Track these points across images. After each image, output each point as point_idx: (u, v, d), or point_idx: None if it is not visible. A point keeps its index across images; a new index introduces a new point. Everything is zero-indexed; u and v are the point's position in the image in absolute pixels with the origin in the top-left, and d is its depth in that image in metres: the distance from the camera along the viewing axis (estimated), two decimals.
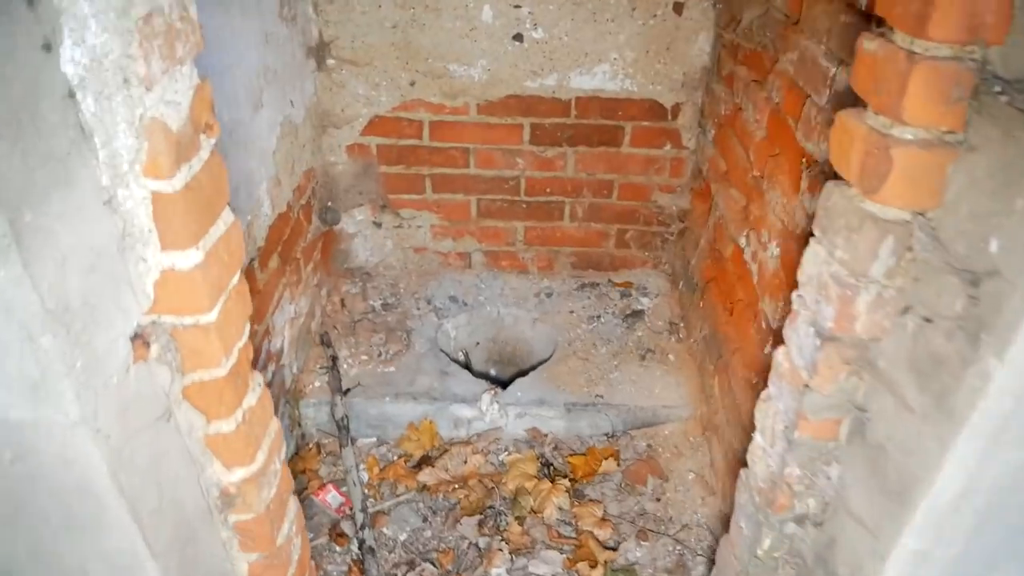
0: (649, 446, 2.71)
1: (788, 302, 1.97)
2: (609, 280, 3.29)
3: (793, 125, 1.94)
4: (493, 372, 3.35)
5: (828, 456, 1.36)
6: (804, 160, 1.84)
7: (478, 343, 3.27)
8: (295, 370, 2.67)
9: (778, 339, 2.05)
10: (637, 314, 3.10)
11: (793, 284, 1.96)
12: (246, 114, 2.03)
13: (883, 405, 1.21)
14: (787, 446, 1.38)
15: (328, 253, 3.06)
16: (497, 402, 2.70)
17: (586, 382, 2.79)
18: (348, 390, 2.69)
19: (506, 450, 2.71)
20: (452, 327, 3.12)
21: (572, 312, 3.14)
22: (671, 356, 2.91)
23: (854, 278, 1.14)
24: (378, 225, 3.17)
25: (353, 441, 2.70)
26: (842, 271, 1.16)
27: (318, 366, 2.78)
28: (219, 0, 1.77)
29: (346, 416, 2.62)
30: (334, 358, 2.75)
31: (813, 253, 1.27)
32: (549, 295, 3.23)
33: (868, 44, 1.07)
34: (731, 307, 2.42)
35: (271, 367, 2.41)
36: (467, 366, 3.18)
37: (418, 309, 3.12)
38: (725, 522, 2.28)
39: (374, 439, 2.75)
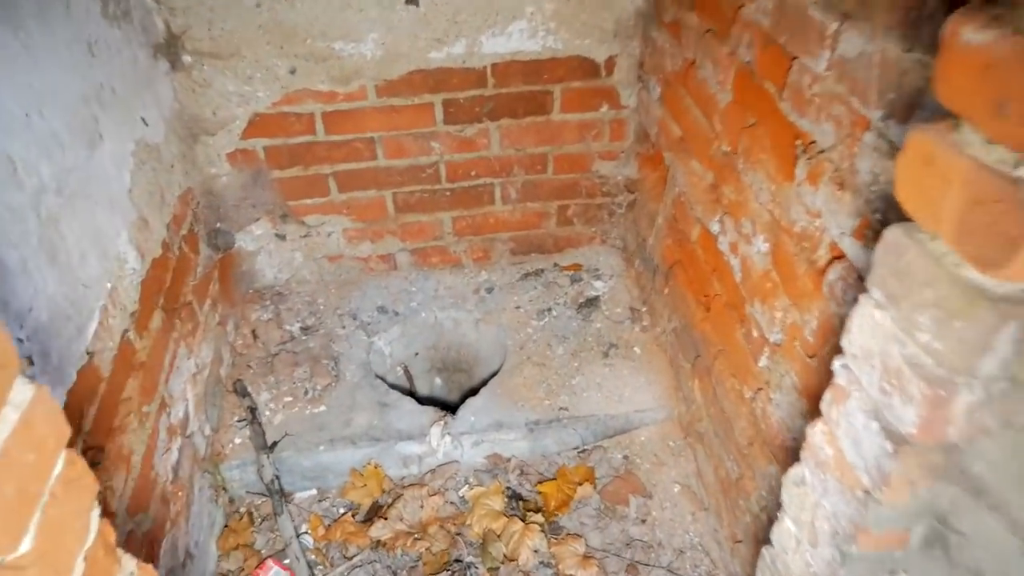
0: (626, 458, 2.41)
1: (787, 312, 1.67)
2: (555, 264, 2.93)
3: (775, 93, 1.59)
4: (439, 382, 2.99)
5: (892, 565, 1.06)
6: (799, 142, 1.49)
7: (417, 354, 2.88)
8: (208, 432, 2.24)
9: (775, 350, 1.76)
10: (592, 302, 2.76)
11: (793, 291, 1.65)
12: (78, 156, 1.55)
13: (982, 525, 0.90)
14: (839, 557, 1.07)
15: (228, 281, 2.59)
16: (448, 433, 2.34)
17: (546, 393, 2.46)
18: (274, 444, 2.29)
19: (466, 483, 2.38)
20: (385, 343, 2.72)
21: (519, 307, 2.78)
22: (636, 349, 2.60)
23: (951, 374, 0.81)
24: (282, 238, 2.71)
25: (289, 498, 2.32)
26: (929, 362, 0.83)
27: (236, 419, 2.36)
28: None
29: (276, 478, 2.22)
30: (252, 409, 2.33)
31: (872, 321, 0.92)
32: (490, 290, 2.85)
33: (973, 34, 0.70)
34: (707, 302, 2.10)
35: (175, 442, 1.98)
36: (409, 384, 2.81)
37: (343, 327, 2.71)
38: (721, 542, 2.05)
39: (313, 491, 2.37)
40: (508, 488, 2.33)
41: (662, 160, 2.39)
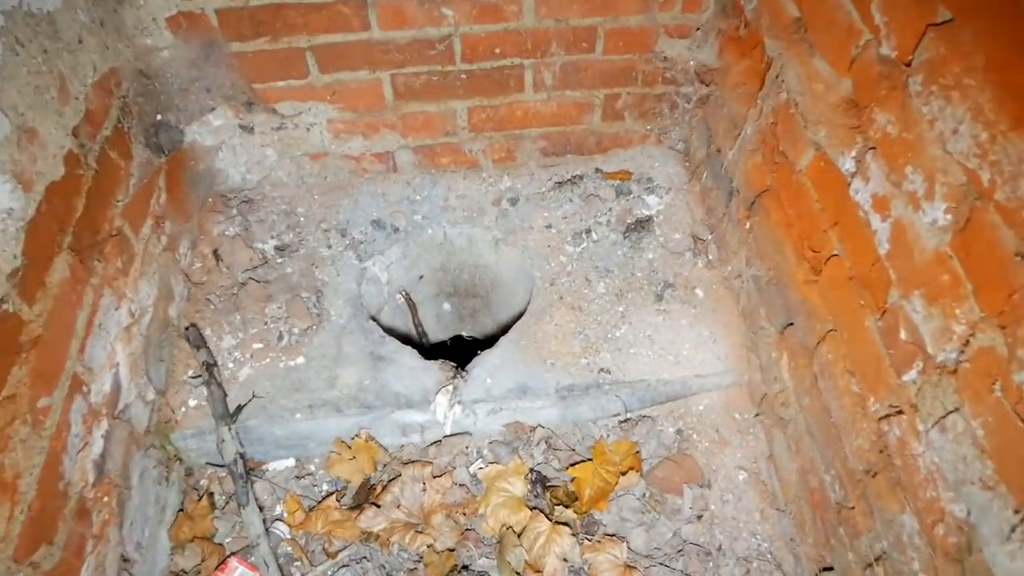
0: (679, 432, 1.93)
1: (978, 330, 1.09)
2: (597, 170, 2.31)
3: None
4: (447, 308, 2.48)
5: None
6: None
7: (421, 277, 2.35)
8: (151, 396, 1.76)
9: (939, 372, 1.19)
10: (643, 224, 2.16)
11: (995, 302, 1.06)
12: None
13: None
14: None
15: (178, 188, 2.01)
16: (459, 401, 1.85)
17: (583, 347, 1.94)
18: (238, 410, 1.81)
19: (479, 458, 1.92)
20: (380, 268, 2.18)
21: (550, 226, 2.20)
22: (699, 291, 2.03)
23: None
24: (248, 130, 2.09)
25: (259, 474, 1.88)
26: None
27: (189, 374, 1.87)
28: None
29: (241, 457, 1.77)
30: (209, 366, 1.83)
31: None
32: (514, 201, 2.26)
33: None
34: (815, 260, 1.51)
35: (99, 428, 1.51)
36: (411, 315, 2.29)
37: (328, 246, 2.15)
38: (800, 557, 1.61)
39: (291, 462, 1.93)
40: (532, 469, 1.86)
41: (760, 47, 1.71)
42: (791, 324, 1.65)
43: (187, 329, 1.90)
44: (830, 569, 1.56)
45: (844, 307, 1.41)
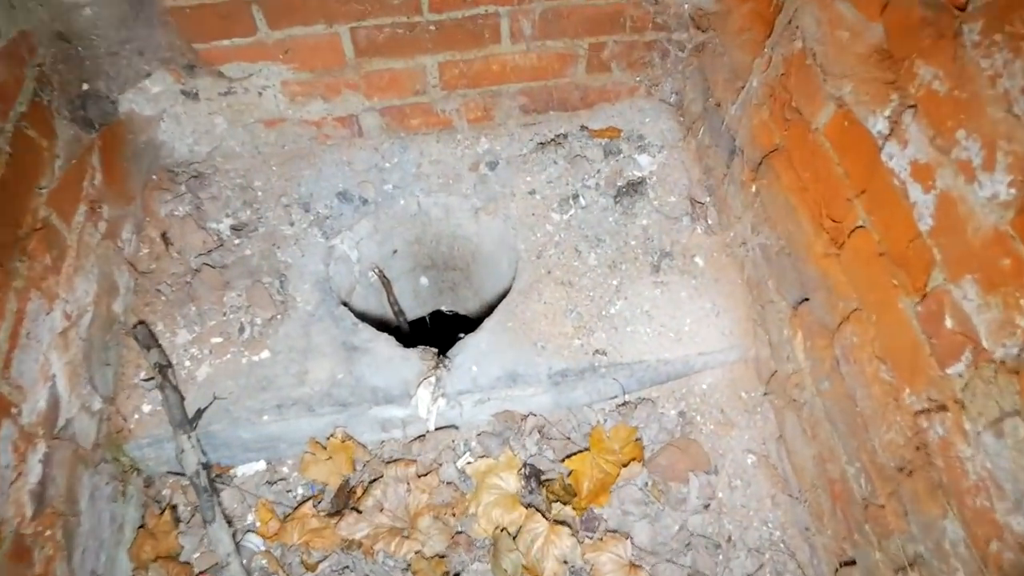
0: (682, 415, 1.79)
1: None
2: (582, 127, 2.11)
3: None
4: (425, 282, 2.30)
5: None
6: None
7: (395, 251, 2.16)
8: (98, 405, 1.58)
9: (996, 370, 1.03)
10: (635, 186, 1.98)
11: None
12: None
13: None
14: None
15: (116, 165, 1.79)
16: (442, 394, 1.69)
17: (576, 327, 1.77)
18: (198, 415, 1.64)
19: (467, 451, 1.77)
20: (349, 246, 1.98)
21: (533, 192, 2.00)
22: (698, 259, 1.87)
23: None
24: (193, 96, 1.86)
25: (225, 480, 1.72)
26: None
27: (141, 376, 1.69)
28: None
29: (204, 468, 1.60)
30: (162, 368, 1.64)
31: None
32: (493, 165, 2.05)
33: None
34: (835, 231, 1.35)
35: (35, 453, 1.33)
36: (386, 291, 2.11)
37: (291, 224, 1.95)
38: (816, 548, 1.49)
39: (261, 465, 1.77)
40: (525, 463, 1.72)
41: None
42: (806, 300, 1.49)
43: (135, 327, 1.70)
44: (851, 563, 1.44)
45: (873, 286, 1.25)
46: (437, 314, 2.47)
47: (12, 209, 1.36)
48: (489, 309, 1.87)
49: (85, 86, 1.66)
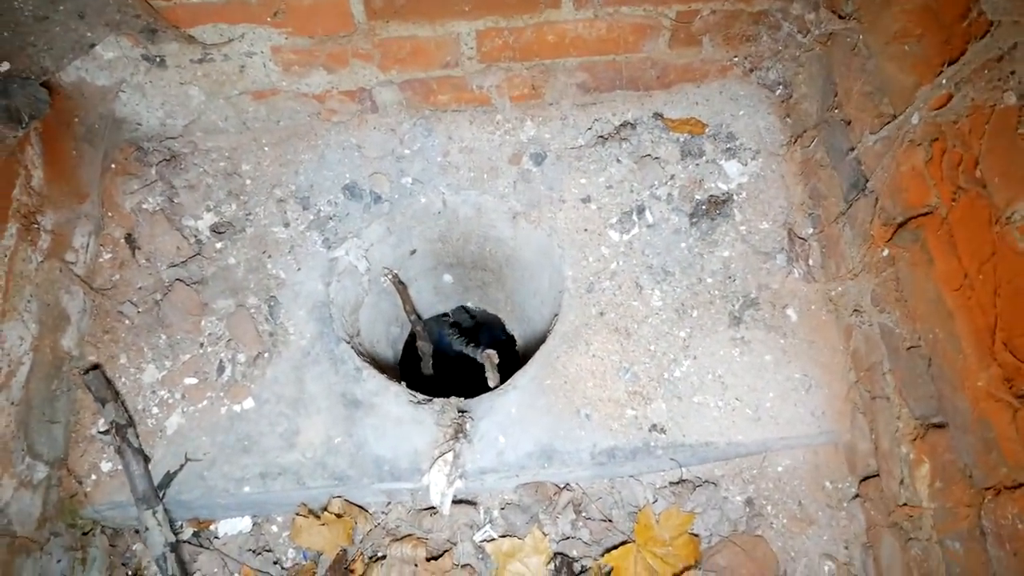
0: (749, 502, 1.47)
1: None
2: (656, 115, 1.66)
3: None
4: (448, 279, 1.94)
5: None
6: None
7: (414, 252, 1.79)
8: (41, 475, 1.29)
9: None
10: (719, 204, 1.56)
11: None
12: None
13: None
14: None
15: (64, 153, 1.41)
16: (460, 475, 1.38)
17: (630, 392, 1.43)
18: (168, 479, 1.35)
19: (489, 524, 1.49)
20: (357, 256, 1.61)
21: (588, 199, 1.60)
22: (791, 312, 1.48)
23: None
24: (158, 63, 1.44)
25: (205, 537, 1.47)
26: None
27: (99, 426, 1.39)
28: None
29: (171, 548, 1.33)
30: (120, 428, 1.34)
31: None
32: (539, 159, 1.63)
33: None
34: (1018, 374, 0.96)
35: None
36: (403, 300, 1.76)
37: (286, 224, 1.58)
38: None
39: (246, 523, 1.51)
40: (557, 555, 1.43)
41: None
42: (943, 426, 1.12)
43: (87, 373, 1.39)
44: None
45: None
46: (462, 309, 2.12)
47: None
48: (525, 356, 1.52)
49: (5, 66, 1.25)
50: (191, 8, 1.34)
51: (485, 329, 2.47)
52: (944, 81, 1.05)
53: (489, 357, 1.69)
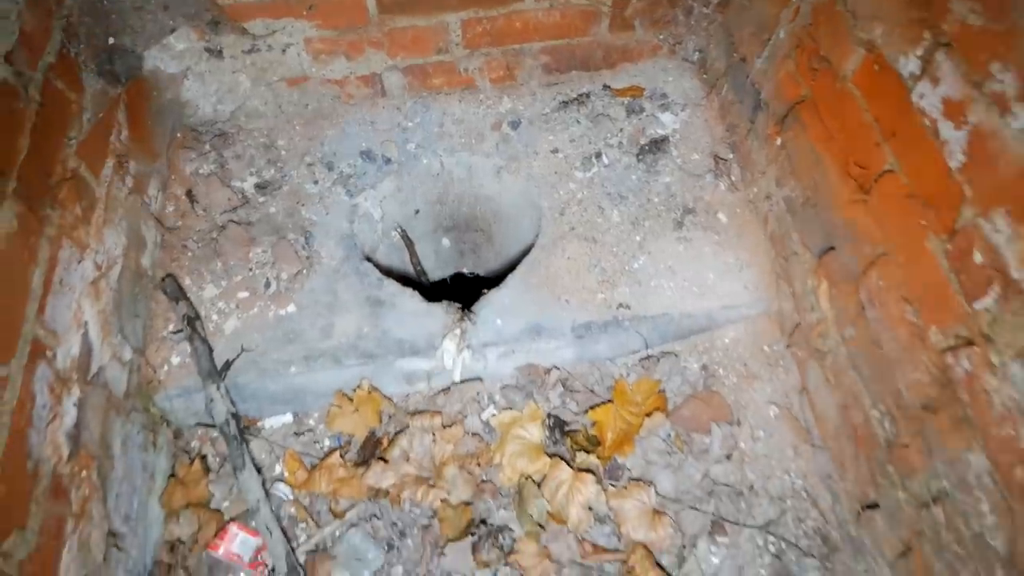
0: (705, 368, 1.80)
1: None
2: (605, 87, 2.11)
3: None
4: (447, 243, 2.31)
5: None
6: None
7: (417, 211, 2.17)
8: (128, 356, 1.60)
9: (1011, 292, 1.05)
10: (658, 144, 1.98)
11: None
12: None
13: None
14: None
15: (142, 122, 1.81)
16: (468, 346, 1.71)
17: (599, 282, 1.79)
18: (226, 366, 1.66)
19: (492, 404, 1.79)
20: (373, 204, 2.00)
21: (556, 151, 2.01)
22: (721, 215, 1.87)
23: None
24: (216, 54, 1.87)
25: (255, 432, 1.75)
26: None
27: (169, 329, 1.71)
28: None
29: (233, 417, 1.63)
30: (191, 320, 1.67)
31: None
32: (516, 124, 2.06)
33: None
34: (863, 177, 1.35)
35: (70, 396, 1.36)
36: (409, 251, 2.12)
37: (315, 181, 1.97)
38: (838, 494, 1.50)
39: (288, 418, 1.80)
40: (549, 414, 1.74)
41: None
42: (831, 248, 1.49)
43: (163, 280, 1.73)
44: (873, 507, 1.46)
45: (901, 229, 1.25)
46: (459, 276, 2.48)
47: (43, 158, 1.38)
48: (511, 268, 1.88)
49: (111, 40, 1.68)
50: (246, 5, 1.79)
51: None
52: (800, 2, 1.50)
53: None
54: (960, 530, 1.17)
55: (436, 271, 2.40)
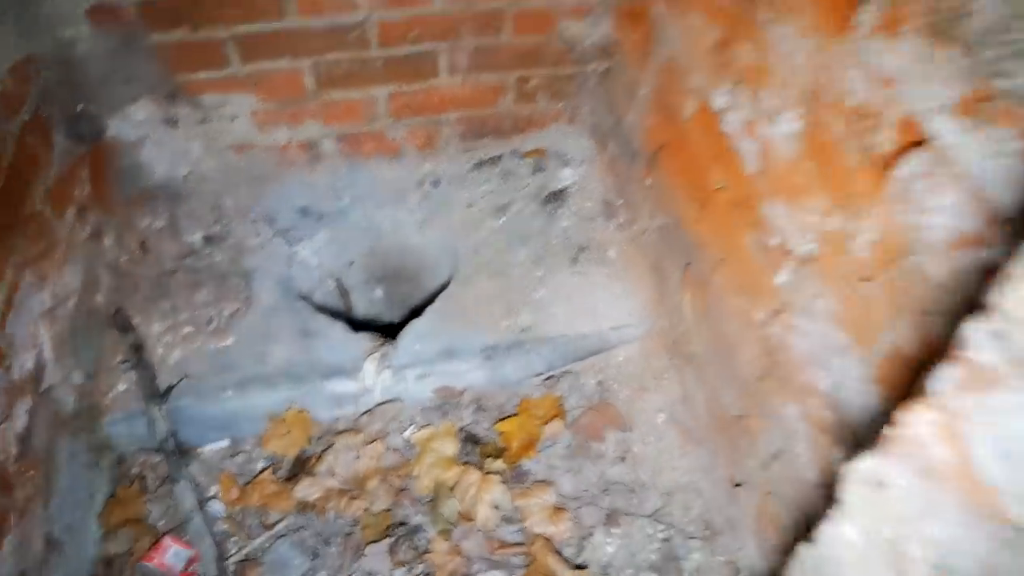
0: (600, 384, 2.02)
1: (826, 217, 1.21)
2: (515, 150, 2.42)
3: None
4: (379, 295, 2.54)
5: None
6: None
7: (352, 263, 2.41)
8: (79, 380, 1.78)
9: (803, 265, 1.32)
10: (558, 195, 2.28)
11: (838, 189, 1.19)
12: None
13: None
14: None
15: (102, 180, 2.05)
16: (388, 366, 1.92)
17: (505, 310, 2.02)
18: (168, 390, 1.84)
19: (412, 424, 1.98)
20: (310, 253, 2.24)
21: (471, 204, 2.29)
22: (611, 251, 2.14)
23: None
24: (172, 123, 2.15)
25: (193, 455, 1.91)
26: None
27: (118, 360, 1.90)
28: None
29: (172, 434, 1.79)
30: (137, 348, 1.86)
31: None
32: (436, 183, 2.35)
33: None
34: (703, 197, 1.63)
35: (22, 404, 1.53)
36: (344, 301, 2.35)
37: (257, 235, 2.21)
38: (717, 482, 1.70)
39: (225, 443, 1.96)
40: (462, 429, 1.93)
41: (647, 15, 1.85)
42: (689, 263, 1.76)
43: (114, 314, 1.93)
44: (739, 484, 1.65)
45: (728, 233, 1.53)
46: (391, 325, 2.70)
47: (15, 198, 1.61)
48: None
49: (80, 107, 1.95)
50: (199, 81, 2.08)
51: None
52: (649, 64, 1.83)
53: None
54: (790, 477, 1.38)
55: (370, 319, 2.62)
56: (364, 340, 1.97)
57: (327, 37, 2.07)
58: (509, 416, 1.94)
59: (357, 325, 2.12)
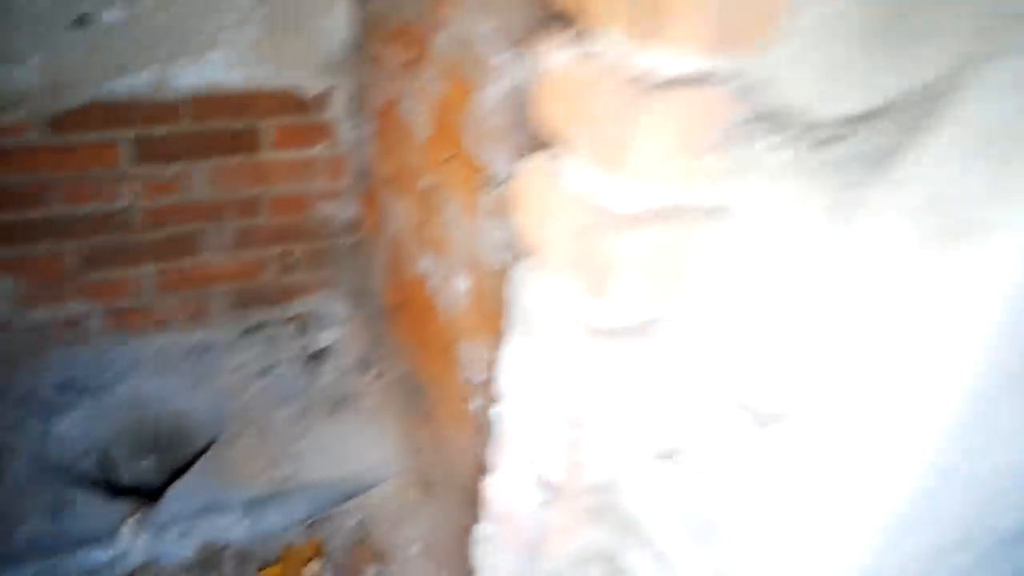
0: (361, 523, 2.20)
1: (490, 352, 1.57)
2: (280, 317, 2.67)
3: (461, 123, 1.50)
4: (150, 464, 2.58)
5: None
6: (477, 175, 1.40)
7: (119, 433, 2.46)
8: None
9: (480, 392, 1.65)
10: (320, 354, 2.53)
11: (493, 330, 1.56)
12: None
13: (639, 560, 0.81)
14: None
15: None
16: (147, 528, 1.98)
17: (267, 463, 2.18)
18: None
19: None
20: (69, 427, 2.28)
21: (239, 368, 2.47)
22: (368, 401, 2.40)
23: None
24: None
25: None
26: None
27: None
28: None
29: None
30: None
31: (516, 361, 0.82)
32: (206, 351, 2.52)
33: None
34: (426, 345, 1.96)
35: None
36: (105, 476, 2.37)
37: (17, 410, 2.23)
38: None
39: None
40: None
41: (377, 199, 2.25)
42: (423, 404, 2.05)
43: None
44: None
45: (444, 373, 1.84)
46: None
47: None
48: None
49: None
50: None
51: None
52: (385, 240, 2.20)
53: None
54: None
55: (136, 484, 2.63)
56: (123, 505, 2.03)
57: (92, 222, 2.27)
58: (271, 564, 2.05)
59: (121, 491, 2.17)
